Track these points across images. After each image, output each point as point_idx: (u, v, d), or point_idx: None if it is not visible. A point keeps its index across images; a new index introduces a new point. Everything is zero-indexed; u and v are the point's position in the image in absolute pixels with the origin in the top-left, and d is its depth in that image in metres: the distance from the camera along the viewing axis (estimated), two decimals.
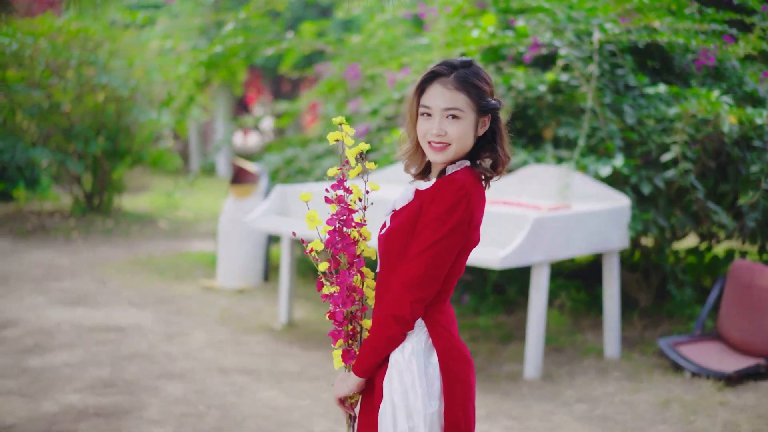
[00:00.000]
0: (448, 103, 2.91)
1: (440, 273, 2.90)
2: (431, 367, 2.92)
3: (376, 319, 2.93)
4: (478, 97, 2.92)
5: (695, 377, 6.18)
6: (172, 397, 5.80)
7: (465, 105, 2.91)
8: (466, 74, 2.94)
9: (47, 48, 11.37)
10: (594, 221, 6.37)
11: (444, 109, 2.91)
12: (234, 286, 8.70)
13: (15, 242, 10.94)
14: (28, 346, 6.83)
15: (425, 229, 2.88)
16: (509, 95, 7.27)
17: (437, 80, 2.95)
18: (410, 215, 2.94)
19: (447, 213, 2.86)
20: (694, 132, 6.80)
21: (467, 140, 2.94)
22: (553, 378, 6.24)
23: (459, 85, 2.92)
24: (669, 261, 7.51)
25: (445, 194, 2.88)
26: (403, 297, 2.87)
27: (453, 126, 2.91)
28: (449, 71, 2.95)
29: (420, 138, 2.98)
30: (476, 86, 2.92)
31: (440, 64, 2.97)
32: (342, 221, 2.99)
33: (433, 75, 2.96)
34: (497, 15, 7.89)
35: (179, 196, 14.52)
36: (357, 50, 9.70)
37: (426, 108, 2.94)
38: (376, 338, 2.92)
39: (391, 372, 2.92)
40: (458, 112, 2.90)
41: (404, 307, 2.87)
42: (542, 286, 6.13)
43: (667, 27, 7.16)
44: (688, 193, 6.86)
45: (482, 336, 7.18)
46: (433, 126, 2.92)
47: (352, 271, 3.00)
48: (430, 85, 2.96)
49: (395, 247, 2.95)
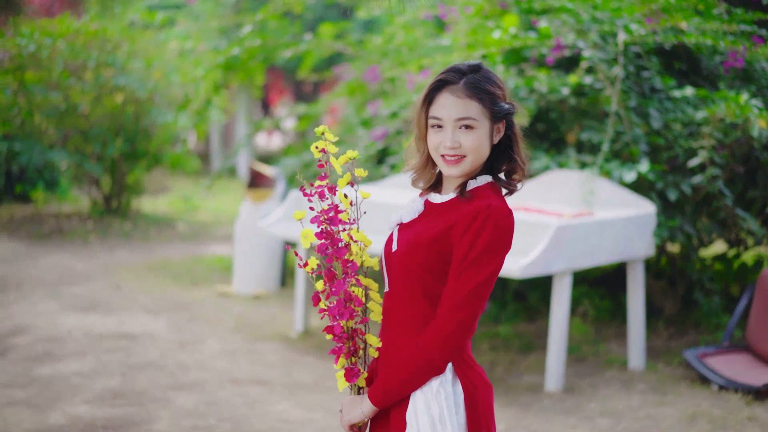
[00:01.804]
0: (460, 113, 2.72)
1: (482, 310, 2.74)
2: (457, 396, 2.75)
3: (411, 358, 2.71)
4: (492, 103, 2.73)
5: (723, 390, 5.97)
6: (182, 409, 5.65)
7: (478, 113, 2.72)
8: (477, 79, 2.74)
9: (65, 49, 11.27)
10: (618, 229, 6.17)
11: (456, 119, 2.72)
12: (250, 292, 8.54)
13: (31, 245, 10.83)
14: (38, 354, 6.70)
15: (469, 268, 2.68)
16: (531, 98, 7.08)
17: (446, 89, 2.75)
18: (436, 234, 2.73)
19: (492, 250, 2.68)
20: (722, 136, 6.58)
21: (483, 150, 2.75)
22: (575, 390, 6.04)
23: (470, 93, 2.72)
24: (695, 269, 7.28)
25: (487, 226, 2.67)
26: (446, 344, 2.69)
27: (467, 137, 2.72)
28: (458, 78, 2.75)
29: (432, 151, 2.79)
30: (488, 92, 2.73)
31: (448, 71, 2.76)
32: (328, 219, 2.80)
33: (441, 83, 2.76)
34: (519, 16, 7.70)
35: (199, 198, 14.40)
36: (377, 52, 9.53)
37: (437, 119, 2.75)
38: (407, 377, 2.72)
39: (417, 404, 2.73)
40: (471, 121, 2.72)
41: (445, 353, 2.70)
42: (564, 296, 5.94)
43: (695, 28, 6.94)
44: (716, 200, 6.64)
45: (502, 345, 6.99)
46: (446, 138, 2.73)
47: (348, 279, 2.80)
48: (438, 94, 2.76)
49: (414, 266, 2.75)
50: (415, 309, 2.77)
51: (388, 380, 2.75)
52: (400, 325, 2.80)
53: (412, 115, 2.85)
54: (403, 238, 2.83)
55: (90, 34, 11.42)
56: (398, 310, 2.81)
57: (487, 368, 6.49)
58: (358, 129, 8.98)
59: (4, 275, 9.21)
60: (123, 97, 11.91)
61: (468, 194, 2.77)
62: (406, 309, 2.78)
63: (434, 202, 2.85)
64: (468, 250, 2.68)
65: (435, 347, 2.68)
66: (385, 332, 2.86)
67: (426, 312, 2.76)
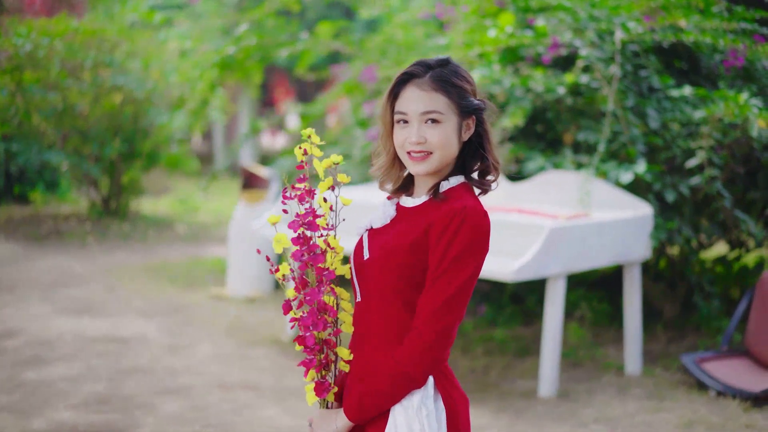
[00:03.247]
0: (425, 106, 2.60)
1: (461, 317, 2.61)
2: (439, 413, 2.63)
3: (389, 371, 2.58)
4: (459, 97, 2.62)
5: (720, 396, 5.84)
6: (168, 415, 5.54)
7: (445, 107, 2.61)
8: (443, 73, 2.63)
9: (62, 49, 11.17)
10: (614, 231, 6.05)
11: (422, 113, 2.61)
12: (244, 295, 8.44)
13: (29, 247, 10.75)
14: (26, 358, 6.61)
15: (445, 274, 2.55)
16: (527, 97, 6.96)
17: (411, 82, 2.64)
18: (411, 240, 2.61)
19: (469, 254, 2.56)
20: (721, 137, 6.45)
21: (451, 147, 2.63)
22: (570, 396, 5.91)
23: (436, 86, 2.61)
24: (695, 271, 7.15)
25: (464, 229, 2.55)
26: (426, 356, 2.56)
27: (433, 131, 2.60)
28: (424, 71, 2.64)
29: (398, 148, 2.67)
30: (455, 85, 2.62)
31: (414, 65, 2.66)
32: (306, 224, 2.66)
33: (407, 76, 2.65)
34: (516, 14, 7.57)
35: (198, 200, 14.30)
36: (375, 51, 9.41)
37: (402, 114, 2.63)
38: (386, 392, 2.58)
39: (397, 420, 2.60)
40: (438, 115, 2.60)
41: (425, 366, 2.57)
42: (558, 299, 5.81)
43: (694, 26, 6.81)
44: (715, 201, 6.51)
45: (497, 349, 6.87)
46: (411, 133, 2.62)
47: (323, 287, 2.66)
48: (404, 88, 2.65)
49: (390, 274, 2.63)
50: (391, 319, 2.65)
51: (365, 395, 2.62)
52: (375, 336, 2.67)
53: (380, 111, 2.73)
54: (376, 244, 2.71)
55: (87, 34, 11.32)
56: (372, 321, 2.68)
57: (480, 373, 6.38)
58: (355, 129, 8.87)
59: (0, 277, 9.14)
60: (121, 97, 11.82)
61: (441, 196, 2.66)
62: (381, 319, 2.66)
63: (406, 205, 2.72)
64: (443, 255, 2.56)
65: (413, 360, 2.56)
66: (356, 344, 2.73)
67: (403, 322, 2.64)
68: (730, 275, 7.71)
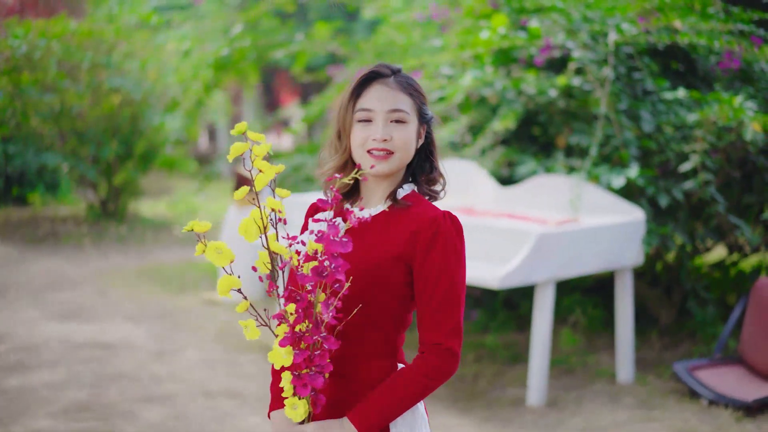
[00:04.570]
0: (393, 104, 2.56)
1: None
2: (422, 407, 2.65)
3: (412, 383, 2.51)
4: (420, 102, 2.61)
5: (713, 405, 5.72)
6: (148, 423, 5.45)
7: (410, 108, 2.59)
8: (406, 78, 2.62)
9: (59, 50, 11.10)
10: (605, 236, 5.93)
11: (389, 111, 2.56)
12: (235, 300, 8.32)
13: (24, 249, 10.69)
14: (10, 363, 6.53)
15: (450, 284, 2.52)
16: (519, 100, 6.85)
17: (377, 81, 2.60)
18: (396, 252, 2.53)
19: (460, 256, 2.54)
20: (715, 140, 6.33)
21: (410, 150, 2.60)
22: (559, 404, 5.80)
23: (402, 87, 2.59)
24: (689, 277, 7.02)
25: (451, 234, 2.53)
26: (454, 366, 2.54)
27: (398, 131, 2.56)
28: (389, 73, 2.61)
29: (357, 147, 2.58)
30: (418, 91, 2.61)
31: (379, 65, 2.62)
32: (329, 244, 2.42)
33: (373, 75, 2.60)
34: (510, 15, 7.46)
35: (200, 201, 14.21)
36: (371, 53, 9.31)
37: (367, 111, 2.56)
38: (406, 403, 2.52)
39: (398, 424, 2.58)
40: (404, 115, 2.56)
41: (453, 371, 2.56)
42: (547, 306, 5.70)
43: (689, 27, 6.69)
44: (709, 206, 6.39)
45: (488, 356, 6.76)
46: (376, 131, 2.55)
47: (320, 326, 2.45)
48: (368, 87, 2.59)
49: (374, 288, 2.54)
50: (375, 332, 2.58)
51: (379, 408, 2.51)
52: (358, 350, 2.58)
53: (336, 111, 2.65)
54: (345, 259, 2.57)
55: (85, 35, 11.25)
56: (352, 336, 2.56)
57: (470, 380, 6.28)
58: None
59: None
60: (119, 98, 11.74)
61: (403, 203, 2.60)
62: (364, 333, 2.57)
63: (363, 216, 2.56)
64: (442, 263, 2.52)
65: (443, 372, 2.53)
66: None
67: (387, 333, 2.59)
68: (727, 280, 7.58)
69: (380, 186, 2.63)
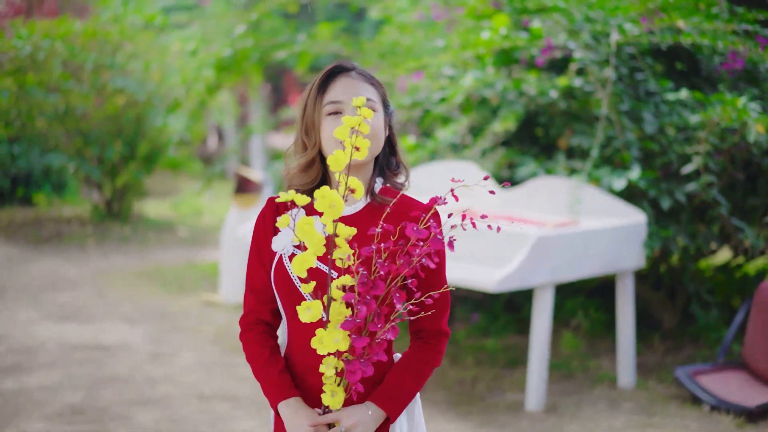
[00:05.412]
0: (361, 93, 2.60)
1: None
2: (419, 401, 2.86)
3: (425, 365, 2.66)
4: (382, 93, 2.68)
5: (714, 411, 5.64)
6: (141, 427, 5.40)
7: (376, 98, 2.64)
8: (365, 71, 2.70)
9: (63, 51, 11.05)
10: (604, 239, 5.85)
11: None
12: (236, 301, 8.28)
13: (27, 250, 10.65)
14: (6, 366, 6.49)
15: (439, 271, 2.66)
16: (520, 101, 6.78)
17: (341, 75, 2.65)
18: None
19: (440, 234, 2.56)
20: (718, 142, 6.24)
21: (381, 138, 2.65)
22: (557, 410, 5.72)
23: (365, 79, 2.65)
24: (692, 280, 6.93)
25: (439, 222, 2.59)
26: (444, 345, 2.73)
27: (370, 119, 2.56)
28: (351, 67, 2.67)
29: (328, 141, 2.61)
30: (378, 82, 2.69)
31: (340, 61, 2.69)
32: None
33: (337, 69, 2.66)
34: (512, 15, 7.38)
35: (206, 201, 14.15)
36: (373, 53, 9.24)
37: (336, 104, 2.61)
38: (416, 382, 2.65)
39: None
40: (372, 104, 2.61)
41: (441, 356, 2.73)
42: (545, 311, 5.62)
43: (693, 27, 6.59)
44: (712, 208, 6.30)
45: (487, 360, 6.68)
46: None
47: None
48: (333, 81, 2.64)
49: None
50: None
51: (399, 390, 2.62)
52: None
53: (300, 109, 2.69)
54: None
55: (89, 35, 11.20)
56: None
57: (468, 384, 6.20)
58: None
59: None
60: (124, 99, 11.69)
61: (381, 198, 2.67)
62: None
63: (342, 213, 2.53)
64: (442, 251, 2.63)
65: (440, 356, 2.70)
66: None
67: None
68: (732, 283, 7.49)
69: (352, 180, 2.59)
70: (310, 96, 2.66)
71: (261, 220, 2.73)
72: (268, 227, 2.71)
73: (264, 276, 2.70)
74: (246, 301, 2.74)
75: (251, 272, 2.72)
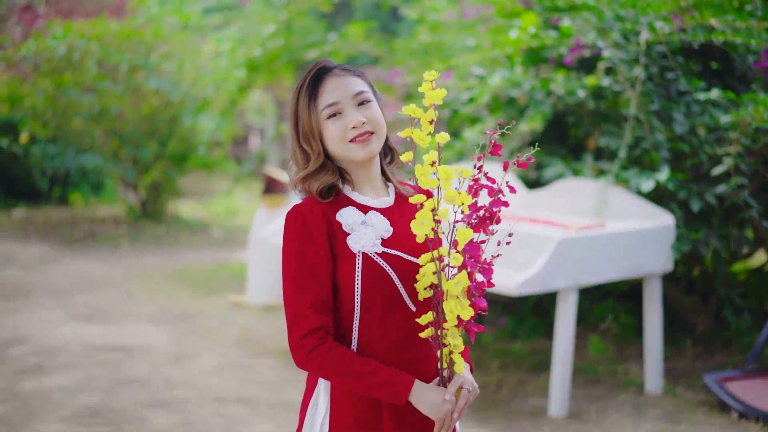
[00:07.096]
0: (354, 88, 2.58)
1: None
2: None
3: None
4: (369, 82, 2.64)
5: (743, 418, 5.47)
6: (156, 429, 5.34)
7: (367, 88, 2.61)
8: (347, 65, 2.65)
9: (98, 51, 11.07)
10: (630, 242, 5.70)
11: (353, 95, 2.57)
12: (262, 302, 8.21)
13: (60, 250, 10.68)
14: (28, 366, 6.47)
15: None
16: (547, 101, 6.65)
17: (327, 76, 2.60)
18: None
19: None
20: (750, 142, 6.06)
21: (384, 126, 2.63)
22: (581, 416, 5.58)
23: (350, 72, 2.62)
24: (724, 284, 6.75)
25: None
26: None
27: (368, 110, 2.59)
28: (333, 65, 2.62)
29: (337, 143, 2.57)
30: (363, 73, 2.65)
31: (319, 62, 2.64)
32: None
33: (322, 70, 2.60)
34: (542, 14, 7.24)
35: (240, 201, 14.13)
36: (404, 53, 9.14)
37: (333, 105, 2.56)
38: None
39: None
40: (366, 95, 2.59)
41: None
42: (569, 315, 5.49)
43: (726, 25, 6.42)
44: (742, 211, 6.13)
45: (513, 364, 6.55)
46: (350, 119, 2.56)
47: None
48: (321, 84, 2.58)
49: None
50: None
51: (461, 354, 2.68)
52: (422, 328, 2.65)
53: (291, 120, 2.64)
54: (408, 250, 2.62)
55: (124, 36, 11.22)
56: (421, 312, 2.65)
57: (492, 389, 6.08)
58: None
59: (20, 282, 9.05)
60: (158, 99, 11.70)
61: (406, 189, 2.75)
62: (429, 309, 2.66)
63: (381, 207, 2.66)
64: None
65: None
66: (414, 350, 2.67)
67: None
68: (765, 287, 7.29)
69: (370, 172, 2.66)
70: (300, 105, 2.59)
71: (298, 233, 2.55)
72: (314, 237, 2.54)
73: (321, 290, 2.54)
74: (302, 322, 2.53)
75: (303, 290, 2.54)
